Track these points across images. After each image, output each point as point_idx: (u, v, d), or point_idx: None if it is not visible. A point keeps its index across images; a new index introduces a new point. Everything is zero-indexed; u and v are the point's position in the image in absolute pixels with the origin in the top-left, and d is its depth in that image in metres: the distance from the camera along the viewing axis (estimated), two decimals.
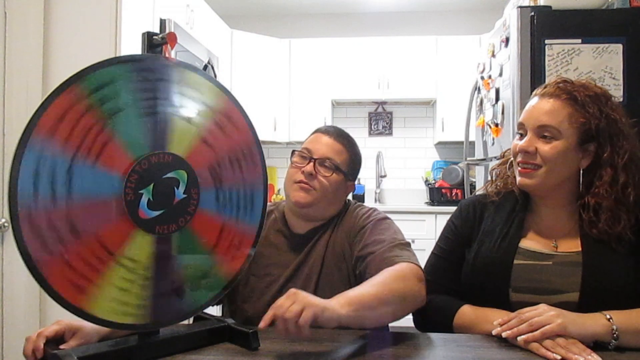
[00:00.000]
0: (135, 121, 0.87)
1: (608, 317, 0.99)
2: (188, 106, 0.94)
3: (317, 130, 1.32)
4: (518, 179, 1.17)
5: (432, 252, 1.30)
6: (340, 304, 0.91)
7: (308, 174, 1.23)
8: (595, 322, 0.98)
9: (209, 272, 0.98)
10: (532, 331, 0.96)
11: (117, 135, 0.84)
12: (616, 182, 1.09)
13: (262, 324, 0.86)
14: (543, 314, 0.98)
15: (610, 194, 1.09)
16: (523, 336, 0.96)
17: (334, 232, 1.27)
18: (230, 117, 1.01)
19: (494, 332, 1.02)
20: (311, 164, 1.24)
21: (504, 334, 0.99)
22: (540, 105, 1.14)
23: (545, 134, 1.12)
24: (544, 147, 1.11)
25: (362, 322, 0.98)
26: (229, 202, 1.00)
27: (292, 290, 0.91)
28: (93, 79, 0.82)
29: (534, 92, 1.21)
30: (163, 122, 0.90)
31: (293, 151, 1.31)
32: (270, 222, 1.32)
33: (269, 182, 4.43)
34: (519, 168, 1.16)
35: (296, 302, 0.87)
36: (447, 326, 1.15)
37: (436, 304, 1.17)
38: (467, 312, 1.14)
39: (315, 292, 1.18)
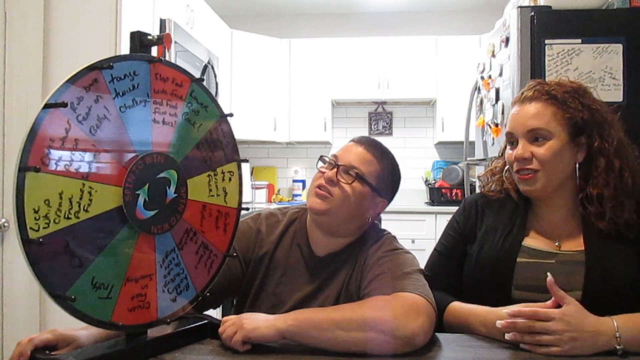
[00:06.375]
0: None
1: (617, 335, 0.94)
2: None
3: (352, 140, 1.23)
4: (521, 186, 1.17)
5: (435, 249, 1.30)
6: (283, 318, 0.95)
7: (329, 179, 1.14)
8: (604, 340, 0.94)
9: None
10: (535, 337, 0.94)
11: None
12: (612, 169, 1.11)
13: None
14: (556, 332, 0.93)
15: (608, 181, 1.11)
16: (526, 346, 0.95)
17: (353, 270, 1.17)
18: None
19: (498, 324, 0.98)
20: (334, 170, 1.15)
21: (506, 336, 0.97)
22: (524, 111, 1.15)
23: (537, 137, 1.13)
24: (539, 150, 1.12)
25: (316, 342, 0.94)
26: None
27: (243, 314, 0.99)
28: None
29: (513, 101, 1.22)
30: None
31: (321, 156, 1.22)
32: (292, 231, 1.25)
33: (268, 182, 4.44)
34: (518, 176, 1.16)
35: (234, 324, 0.95)
36: (439, 322, 1.12)
37: None
38: (456, 309, 1.13)
39: None
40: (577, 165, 1.15)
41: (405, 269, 1.08)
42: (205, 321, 1.03)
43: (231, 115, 1.06)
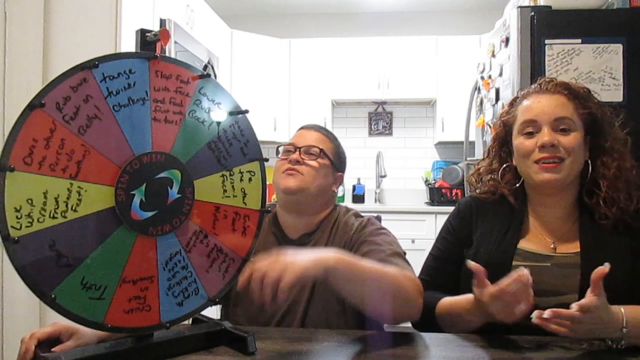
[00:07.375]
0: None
1: (624, 325, 0.94)
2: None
3: (301, 127, 1.38)
4: (541, 175, 1.12)
5: (430, 253, 1.29)
6: (335, 258, 0.93)
7: (295, 161, 1.26)
8: (612, 329, 0.94)
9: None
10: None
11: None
12: (624, 166, 1.14)
13: (239, 285, 0.88)
14: (582, 321, 0.89)
15: (619, 177, 1.13)
16: (537, 321, 0.91)
17: (328, 245, 1.23)
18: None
19: (534, 320, 0.92)
20: (297, 152, 1.27)
21: (534, 320, 0.90)
22: (548, 101, 1.15)
23: (563, 126, 1.13)
24: (566, 139, 1.12)
25: (349, 289, 0.98)
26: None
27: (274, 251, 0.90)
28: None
29: (527, 91, 1.21)
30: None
31: (278, 147, 1.35)
32: (266, 222, 1.30)
33: (268, 182, 4.43)
34: (541, 164, 1.12)
35: (277, 262, 0.84)
36: (431, 321, 1.13)
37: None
38: (447, 302, 1.14)
39: (307, 307, 1.19)
40: (590, 163, 1.15)
41: (397, 249, 1.18)
42: (221, 327, 0.99)
43: (247, 111, 1.02)
